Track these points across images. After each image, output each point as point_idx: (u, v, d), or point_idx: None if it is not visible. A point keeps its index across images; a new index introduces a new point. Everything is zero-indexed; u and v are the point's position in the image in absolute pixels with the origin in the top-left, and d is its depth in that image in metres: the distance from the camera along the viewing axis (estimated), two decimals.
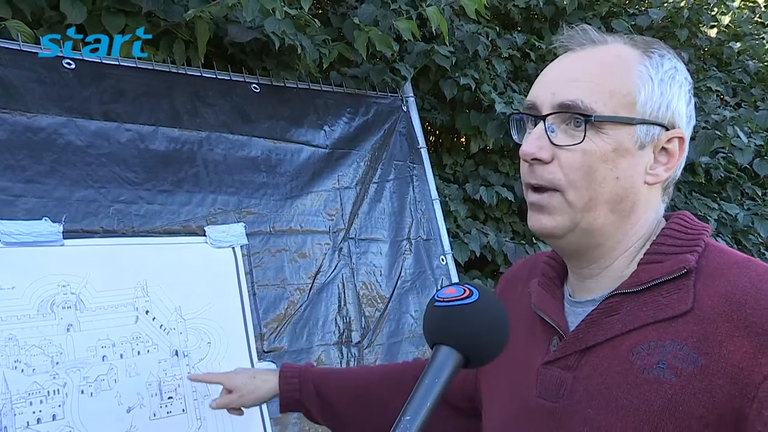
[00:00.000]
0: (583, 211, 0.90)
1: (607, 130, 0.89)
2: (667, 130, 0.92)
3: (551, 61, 0.99)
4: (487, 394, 1.12)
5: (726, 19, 4.22)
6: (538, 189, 0.93)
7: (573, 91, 0.90)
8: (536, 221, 0.94)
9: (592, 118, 0.88)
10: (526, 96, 1.00)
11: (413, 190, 2.40)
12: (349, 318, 2.07)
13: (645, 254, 0.92)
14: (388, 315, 2.17)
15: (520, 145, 0.96)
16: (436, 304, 0.79)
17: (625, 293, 0.91)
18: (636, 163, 0.91)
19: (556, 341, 0.96)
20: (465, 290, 0.78)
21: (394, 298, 2.21)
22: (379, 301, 2.17)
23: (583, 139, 0.88)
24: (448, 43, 2.55)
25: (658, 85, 0.91)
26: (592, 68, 0.91)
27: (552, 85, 0.93)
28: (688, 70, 0.97)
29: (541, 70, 0.99)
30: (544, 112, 0.92)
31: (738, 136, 3.30)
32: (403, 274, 2.26)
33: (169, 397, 1.59)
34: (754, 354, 0.77)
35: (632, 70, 0.91)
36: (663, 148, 0.92)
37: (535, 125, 0.93)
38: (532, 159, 0.91)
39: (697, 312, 0.84)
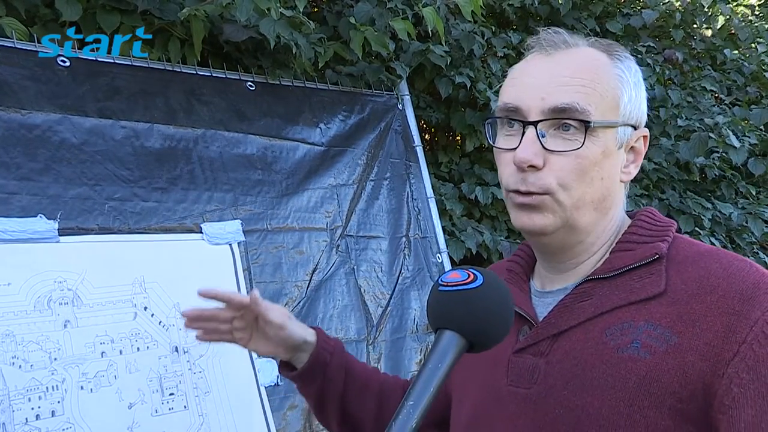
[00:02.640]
0: (571, 210, 0.91)
1: (598, 133, 0.89)
2: (635, 129, 0.94)
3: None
4: (457, 391, 1.10)
5: (720, 20, 4.23)
6: (527, 194, 0.92)
7: (565, 95, 0.88)
8: (528, 219, 0.92)
9: (592, 123, 0.88)
10: None
11: (410, 188, 2.40)
12: (351, 315, 2.06)
13: (617, 243, 0.94)
14: (390, 311, 2.16)
15: (493, 147, 0.96)
16: (440, 288, 0.78)
17: (597, 279, 0.92)
18: (615, 163, 0.93)
19: (526, 330, 0.97)
20: (469, 275, 0.77)
21: (395, 295, 2.20)
22: (380, 297, 2.16)
23: (583, 144, 0.88)
24: (443, 43, 2.54)
25: (633, 88, 0.93)
26: (579, 72, 0.90)
27: (539, 89, 0.90)
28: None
29: None
30: (533, 117, 0.90)
31: (731, 136, 3.31)
32: (403, 270, 2.26)
33: (171, 394, 1.58)
34: (725, 333, 0.80)
35: (612, 73, 0.92)
36: (631, 147, 0.95)
37: (523, 130, 0.91)
38: (528, 166, 0.90)
39: (670, 294, 0.86)
